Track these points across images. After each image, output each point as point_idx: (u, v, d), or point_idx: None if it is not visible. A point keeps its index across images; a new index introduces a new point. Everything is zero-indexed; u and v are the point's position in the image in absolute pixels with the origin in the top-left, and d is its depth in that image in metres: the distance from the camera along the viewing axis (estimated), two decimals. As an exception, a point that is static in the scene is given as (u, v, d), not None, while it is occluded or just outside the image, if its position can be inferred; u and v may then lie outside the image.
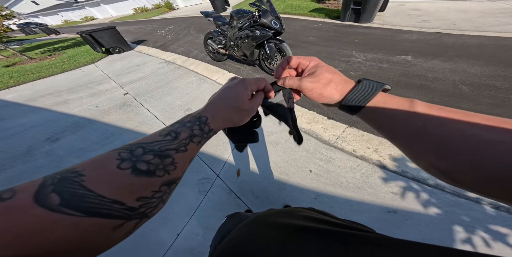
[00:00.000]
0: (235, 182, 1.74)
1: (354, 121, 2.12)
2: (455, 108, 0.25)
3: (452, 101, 2.21)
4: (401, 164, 1.65)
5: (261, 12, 2.47)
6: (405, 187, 1.52)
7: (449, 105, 2.13)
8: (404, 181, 1.55)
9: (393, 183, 1.55)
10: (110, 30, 5.56)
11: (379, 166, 1.68)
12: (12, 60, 6.93)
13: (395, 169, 1.62)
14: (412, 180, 1.55)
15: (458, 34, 3.76)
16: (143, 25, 10.66)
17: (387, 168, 1.65)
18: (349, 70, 2.98)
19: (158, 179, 0.24)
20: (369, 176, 1.62)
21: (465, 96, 2.24)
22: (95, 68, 4.94)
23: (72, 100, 3.48)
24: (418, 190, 1.49)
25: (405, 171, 1.60)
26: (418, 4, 5.78)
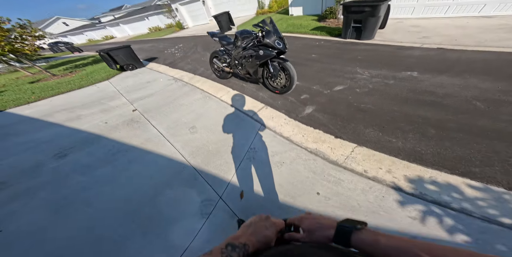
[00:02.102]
0: (238, 204, 1.57)
1: (364, 140, 1.93)
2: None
3: (468, 118, 2.00)
4: (418, 185, 1.46)
5: (265, 33, 2.41)
6: (425, 211, 1.33)
7: (466, 122, 1.92)
8: (424, 205, 1.36)
9: (411, 207, 1.36)
10: (125, 48, 5.67)
11: (394, 188, 1.49)
12: (37, 77, 7.14)
13: (412, 192, 1.44)
14: (433, 203, 1.36)
15: (461, 49, 3.57)
16: (155, 43, 10.94)
17: (403, 190, 1.46)
18: (354, 87, 2.82)
19: None
20: (383, 199, 1.43)
21: (482, 113, 2.02)
22: (109, 85, 4.96)
23: (84, 115, 3.44)
24: (441, 215, 1.29)
25: (423, 194, 1.41)
26: (416, 21, 5.67)
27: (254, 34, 2.62)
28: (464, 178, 1.46)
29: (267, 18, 2.47)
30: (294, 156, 1.92)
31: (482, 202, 1.31)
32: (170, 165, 2.07)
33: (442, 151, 1.70)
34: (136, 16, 21.37)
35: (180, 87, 3.99)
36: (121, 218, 1.62)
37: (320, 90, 2.88)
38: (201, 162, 2.04)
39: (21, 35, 6.04)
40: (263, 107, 2.71)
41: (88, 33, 28.92)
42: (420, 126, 1.99)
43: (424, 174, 1.53)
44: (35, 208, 1.81)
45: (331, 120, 2.27)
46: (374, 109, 2.33)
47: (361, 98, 2.56)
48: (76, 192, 1.93)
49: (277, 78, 2.74)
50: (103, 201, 1.80)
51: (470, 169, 1.52)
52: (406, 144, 1.82)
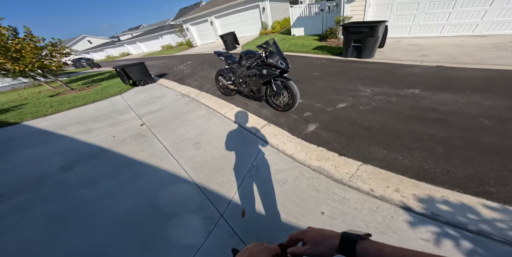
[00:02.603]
0: (240, 223, 1.48)
1: (369, 158, 1.85)
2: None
3: (476, 135, 1.91)
4: (429, 205, 1.36)
5: (268, 53, 2.47)
6: (439, 233, 1.22)
7: (474, 140, 1.82)
8: (437, 226, 1.26)
9: (423, 228, 1.26)
10: (139, 65, 5.91)
11: (403, 208, 1.39)
12: (57, 91, 7.43)
13: (423, 212, 1.34)
14: (447, 224, 1.25)
15: (460, 67, 3.55)
16: (166, 60, 11.39)
17: (413, 210, 1.36)
18: (357, 104, 2.78)
19: None
20: (392, 219, 1.33)
21: (489, 131, 1.93)
22: (121, 99, 5.10)
23: (94, 129, 3.48)
24: (457, 237, 1.19)
25: (436, 214, 1.31)
26: (413, 40, 5.76)
27: (258, 54, 2.69)
28: (480, 198, 1.36)
29: (270, 39, 2.54)
30: (297, 174, 1.84)
31: (502, 224, 1.20)
32: (173, 180, 2.02)
33: (452, 170, 1.60)
34: (151, 35, 22.71)
35: (187, 103, 4.05)
36: (119, 234, 1.55)
37: (323, 108, 2.85)
38: (203, 178, 1.98)
39: (51, 53, 6.42)
40: (266, 124, 2.68)
41: (107, 50, 30.59)
42: (426, 143, 1.91)
43: (435, 194, 1.44)
44: (31, 223, 1.76)
45: (334, 137, 2.21)
46: (378, 126, 2.26)
47: (364, 115, 2.51)
48: (75, 206, 1.88)
49: (280, 96, 2.75)
50: (101, 216, 1.74)
51: (485, 188, 1.42)
52: (413, 162, 1.73)
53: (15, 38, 5.58)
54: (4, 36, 5.30)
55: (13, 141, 3.43)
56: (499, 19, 4.86)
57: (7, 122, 4.31)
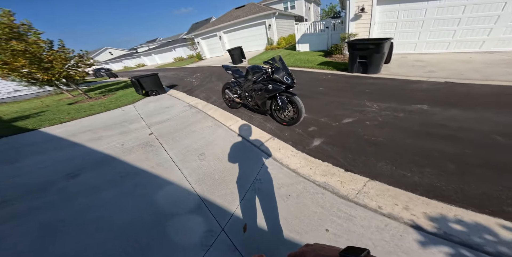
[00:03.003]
0: (241, 238, 1.43)
1: (376, 174, 1.78)
2: None
3: (490, 152, 1.82)
4: (442, 225, 1.29)
5: (274, 69, 2.53)
6: (453, 254, 1.14)
7: (488, 157, 1.73)
8: (451, 247, 1.18)
9: (435, 249, 1.18)
10: (153, 76, 6.15)
11: (413, 226, 1.31)
12: (76, 99, 7.77)
13: (435, 231, 1.26)
14: (462, 245, 1.17)
15: (469, 83, 3.49)
16: (177, 72, 11.85)
17: (424, 230, 1.28)
18: (364, 119, 2.74)
19: None
20: (401, 238, 1.25)
21: (503, 147, 1.84)
22: (133, 108, 5.26)
23: (104, 137, 3.56)
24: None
25: (449, 234, 1.23)
26: (419, 56, 5.77)
27: (264, 70, 2.75)
28: (497, 218, 1.27)
29: (277, 56, 2.62)
30: (301, 189, 1.78)
31: None
32: (176, 191, 1.99)
33: (465, 188, 1.51)
34: (165, 47, 24.12)
35: (194, 113, 4.13)
36: (116, 244, 1.51)
37: (328, 123, 2.82)
38: (206, 190, 1.94)
39: (77, 63, 6.86)
40: (270, 138, 2.67)
41: (125, 61, 32.42)
42: (437, 160, 1.83)
43: (448, 212, 1.36)
44: (28, 230, 1.73)
45: (340, 153, 2.15)
46: (385, 142, 2.20)
47: (371, 130, 2.46)
48: (75, 215, 1.86)
49: (285, 110, 2.76)
50: (100, 226, 1.71)
51: (502, 208, 1.33)
52: (423, 179, 1.65)
53: (50, 51, 6.04)
54: (42, 48, 5.77)
55: (26, 147, 3.54)
56: (505, 36, 4.85)
57: (26, 128, 4.50)
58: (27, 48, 5.46)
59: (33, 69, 5.71)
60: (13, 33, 5.36)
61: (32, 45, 5.54)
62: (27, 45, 5.46)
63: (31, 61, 5.57)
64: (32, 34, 5.74)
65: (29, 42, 5.52)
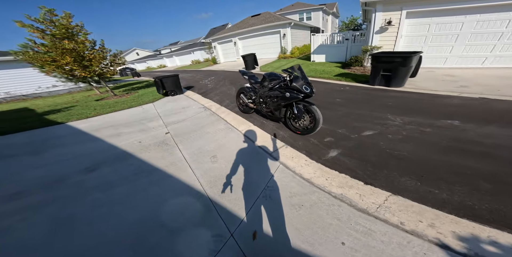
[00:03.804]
0: (250, 245, 1.38)
1: (399, 188, 1.66)
2: None
3: None
4: (473, 245, 1.19)
5: (293, 77, 2.52)
6: None
7: None
8: None
9: None
10: (174, 77, 6.45)
11: (439, 245, 1.23)
12: (103, 96, 8.28)
13: (465, 252, 1.16)
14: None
15: (508, 100, 3.21)
16: (194, 74, 12.28)
17: (451, 249, 1.19)
18: (386, 133, 2.60)
19: None
20: (425, 256, 1.15)
21: None
22: (152, 107, 5.50)
23: (124, 133, 3.72)
24: None
25: (481, 256, 1.13)
26: (449, 70, 5.46)
27: (282, 78, 2.76)
28: None
29: (296, 65, 2.61)
30: (315, 199, 1.70)
31: None
32: (187, 191, 2.00)
33: (501, 208, 1.38)
34: (185, 50, 25.43)
35: (208, 116, 4.21)
36: (125, 242, 1.51)
37: (347, 134, 2.71)
38: (217, 193, 1.92)
39: (111, 62, 7.36)
40: (283, 146, 2.61)
41: (148, 62, 34.52)
42: (468, 177, 1.68)
43: (480, 233, 1.26)
44: (37, 223, 1.77)
45: (359, 165, 2.04)
46: (410, 156, 2.06)
47: (394, 144, 2.32)
48: (88, 210, 1.91)
49: (301, 119, 2.71)
50: (109, 222, 1.73)
51: None
52: (452, 196, 1.52)
53: (92, 50, 6.58)
54: (86, 47, 6.31)
55: (52, 139, 3.78)
56: None
57: (55, 122, 4.86)
58: (75, 47, 5.97)
59: (75, 67, 6.19)
60: (68, 33, 5.92)
61: (79, 44, 6.07)
62: (75, 44, 5.97)
63: (75, 59, 6.06)
64: (82, 35, 6.31)
65: (78, 42, 6.06)
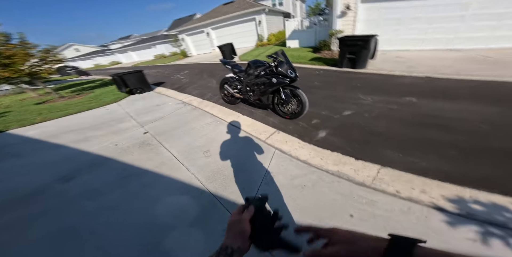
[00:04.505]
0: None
1: (386, 161, 1.88)
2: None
3: (481, 139, 2.02)
4: (462, 205, 1.36)
5: (278, 63, 2.53)
6: (484, 233, 1.20)
7: (480, 142, 1.90)
8: (479, 225, 1.24)
9: (464, 228, 1.24)
10: (137, 73, 5.80)
11: (436, 208, 1.39)
12: (43, 98, 7.05)
13: (458, 212, 1.33)
14: (487, 223, 1.24)
15: (446, 78, 3.80)
16: (161, 69, 11.26)
17: (447, 211, 1.35)
18: (362, 112, 2.87)
19: None
20: (427, 219, 1.32)
21: (490, 134, 2.06)
22: (118, 107, 4.91)
23: (92, 137, 3.29)
24: (504, 236, 1.17)
25: (472, 214, 1.30)
26: (398, 52, 6.16)
27: (266, 64, 2.74)
28: (509, 198, 1.38)
29: (279, 50, 2.61)
30: (316, 178, 1.82)
31: None
32: (187, 190, 1.92)
33: (470, 171, 1.66)
34: (144, 44, 22.60)
35: (190, 111, 3.97)
36: (135, 247, 1.42)
37: (330, 115, 2.91)
38: (218, 187, 1.89)
39: (43, 59, 6.20)
40: (275, 132, 2.67)
41: (96, 59, 29.83)
42: (437, 147, 1.99)
43: (463, 194, 1.45)
44: (31, 240, 1.59)
45: (347, 143, 2.25)
46: (387, 132, 2.34)
47: (371, 122, 2.59)
48: (81, 219, 1.74)
49: (288, 104, 2.79)
50: (111, 229, 1.61)
51: (510, 187, 1.46)
52: (430, 164, 1.79)
53: (5, 44, 5.34)
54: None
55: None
56: (469, 35, 5.40)
57: (-11, 131, 3.97)
58: None
59: None
60: None
61: None
62: None
63: None
64: None
65: None
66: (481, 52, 5.11)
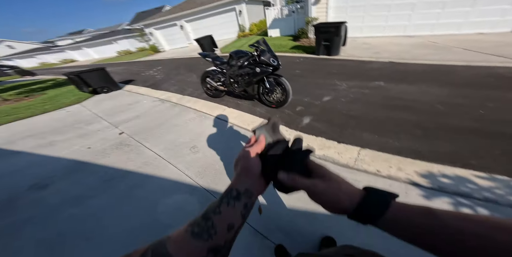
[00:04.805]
0: (259, 220, 1.45)
1: (365, 143, 2.04)
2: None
3: (440, 118, 2.25)
4: (433, 180, 1.51)
5: (260, 52, 2.50)
6: (455, 203, 1.33)
7: (440, 121, 2.12)
8: (449, 197, 1.38)
9: (438, 200, 1.37)
10: (99, 71, 5.19)
11: (412, 184, 1.51)
12: (-21, 103, 5.94)
13: (431, 186, 1.47)
14: (456, 195, 1.38)
15: (405, 62, 4.11)
16: (128, 66, 10.30)
17: (422, 186, 1.49)
18: (339, 97, 3.04)
19: (205, 244, 0.27)
20: (407, 195, 1.47)
21: (446, 114, 2.31)
22: (82, 108, 4.41)
23: (58, 141, 2.97)
24: (472, 206, 1.31)
25: (442, 187, 1.44)
26: (365, 39, 6.53)
27: (249, 54, 2.68)
28: (469, 170, 1.54)
29: (261, 39, 2.57)
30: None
31: (499, 191, 1.35)
32: (178, 188, 1.87)
33: (435, 148, 1.83)
34: (103, 39, 20.07)
35: (169, 108, 3.74)
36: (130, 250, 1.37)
37: (312, 102, 3.02)
38: (210, 182, 1.88)
39: None
40: (263, 122, 2.68)
41: (41, 57, 25.74)
42: (406, 127, 2.18)
43: (432, 169, 1.60)
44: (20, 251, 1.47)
45: (329, 127, 2.38)
46: (362, 115, 2.52)
47: (347, 106, 2.76)
48: (71, 226, 1.64)
49: (274, 93, 2.80)
50: (105, 232, 1.54)
51: (468, 161, 1.64)
52: (402, 143, 1.97)
53: None
54: None
55: None
56: (420, 23, 5.90)
57: None
58: None
59: None
60: None
61: None
62: None
63: None
64: None
65: None
66: (429, 38, 5.64)
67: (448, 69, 3.55)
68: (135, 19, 21.05)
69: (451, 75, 3.27)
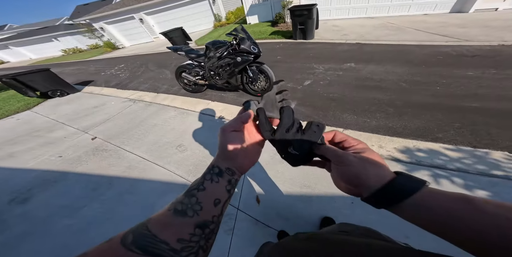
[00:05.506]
0: (258, 210, 1.48)
1: (346, 123, 2.15)
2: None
3: (405, 95, 2.43)
4: (411, 155, 1.59)
5: (239, 40, 2.37)
6: (433, 175, 1.41)
7: (405, 99, 2.28)
8: (427, 170, 1.45)
9: (418, 173, 1.43)
10: (43, 72, 4.40)
11: (394, 160, 1.59)
12: None
13: (410, 160, 1.54)
14: (432, 167, 1.46)
15: (369, 43, 4.32)
16: (82, 66, 9.04)
17: (402, 161, 1.56)
18: (318, 80, 3.11)
19: (190, 220, 0.26)
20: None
21: (410, 91, 2.51)
22: (35, 115, 3.84)
23: (19, 152, 2.65)
24: (447, 176, 1.39)
25: (419, 161, 1.52)
26: (334, 21, 6.65)
27: (227, 43, 2.53)
28: (438, 143, 1.66)
29: (239, 26, 2.43)
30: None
31: (467, 160, 1.45)
32: (171, 188, 1.80)
33: (407, 124, 1.97)
34: (38, 37, 16.96)
35: (143, 107, 3.43)
36: None
37: (294, 87, 3.05)
38: (204, 179, 1.85)
39: None
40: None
41: None
42: (379, 106, 2.33)
43: (408, 144, 1.70)
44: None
45: (313, 111, 2.45)
46: (340, 97, 2.64)
47: (326, 89, 2.86)
48: (69, 236, 1.56)
49: (257, 81, 2.74)
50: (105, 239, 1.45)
51: (435, 135, 1.77)
52: (378, 122, 2.10)
53: None
54: None
55: None
56: (378, 4, 6.20)
57: None
58: None
59: None
60: None
61: None
62: None
63: None
64: None
65: None
66: (388, 19, 5.99)
67: (405, 48, 3.82)
68: (76, 13, 18.07)
69: (409, 55, 3.52)
